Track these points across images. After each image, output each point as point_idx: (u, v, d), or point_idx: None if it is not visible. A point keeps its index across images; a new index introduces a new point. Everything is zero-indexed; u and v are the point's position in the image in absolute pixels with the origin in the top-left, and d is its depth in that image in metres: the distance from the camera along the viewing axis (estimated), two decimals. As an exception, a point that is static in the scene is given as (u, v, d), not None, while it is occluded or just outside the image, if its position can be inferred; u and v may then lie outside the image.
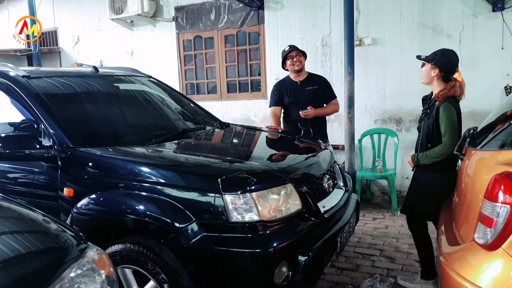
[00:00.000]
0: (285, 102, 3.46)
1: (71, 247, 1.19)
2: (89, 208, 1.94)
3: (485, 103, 4.08)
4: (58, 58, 6.55)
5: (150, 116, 2.86)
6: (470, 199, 1.73)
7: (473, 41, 4.11)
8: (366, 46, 4.53)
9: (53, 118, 2.13)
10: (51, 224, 1.30)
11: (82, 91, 2.61)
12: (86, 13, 6.13)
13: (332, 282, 2.63)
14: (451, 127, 2.22)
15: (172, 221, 1.77)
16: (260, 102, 5.23)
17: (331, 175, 2.38)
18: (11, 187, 2.20)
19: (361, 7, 4.50)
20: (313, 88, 3.43)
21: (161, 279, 1.76)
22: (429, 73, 2.32)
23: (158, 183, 1.86)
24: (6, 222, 1.29)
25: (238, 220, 1.74)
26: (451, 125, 2.22)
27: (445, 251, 1.74)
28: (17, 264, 1.05)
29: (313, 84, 3.46)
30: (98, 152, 2.04)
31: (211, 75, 5.55)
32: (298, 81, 3.41)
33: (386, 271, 2.76)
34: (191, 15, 5.47)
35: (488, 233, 1.43)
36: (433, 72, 2.30)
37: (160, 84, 3.22)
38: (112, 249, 1.86)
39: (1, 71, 2.36)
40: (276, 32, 4.98)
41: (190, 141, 2.53)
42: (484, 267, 1.42)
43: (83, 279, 1.10)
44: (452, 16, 4.16)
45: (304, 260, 1.81)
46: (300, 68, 3.37)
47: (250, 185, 1.79)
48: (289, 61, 3.39)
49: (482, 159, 1.81)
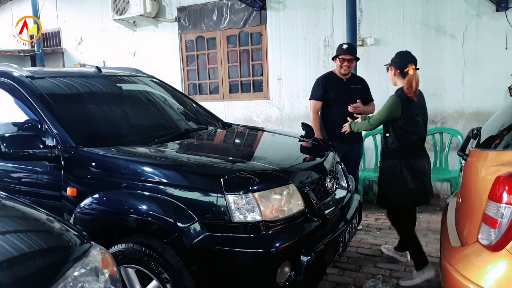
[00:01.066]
0: (329, 97, 3.40)
1: (75, 246, 1.19)
2: (92, 207, 1.94)
3: (489, 104, 4.06)
4: (61, 59, 6.58)
5: (152, 116, 2.86)
6: (473, 200, 1.72)
7: (477, 41, 4.10)
8: (368, 46, 4.52)
9: (57, 118, 2.14)
10: (55, 223, 1.30)
11: (85, 91, 2.62)
12: (89, 14, 6.15)
13: (334, 283, 2.63)
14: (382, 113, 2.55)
15: (174, 221, 1.77)
16: (262, 102, 5.23)
17: (333, 176, 2.38)
18: (15, 186, 2.21)
19: (363, 7, 4.50)
20: (358, 87, 3.42)
21: (163, 278, 1.76)
22: (390, 75, 2.64)
23: (161, 183, 1.86)
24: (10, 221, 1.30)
25: (240, 220, 1.74)
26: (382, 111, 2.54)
27: (448, 252, 1.73)
28: (21, 263, 1.06)
29: (357, 83, 3.45)
30: (101, 152, 2.05)
31: (213, 76, 5.56)
32: (344, 78, 3.39)
33: (388, 272, 2.76)
34: (193, 15, 5.48)
35: (492, 234, 1.42)
36: (392, 72, 2.61)
37: (163, 85, 3.23)
38: (115, 248, 1.87)
39: (5, 71, 2.38)
40: (278, 33, 4.98)
41: (193, 141, 2.53)
42: (488, 268, 1.42)
43: (86, 278, 1.11)
44: (456, 16, 4.15)
45: (306, 261, 1.81)
46: (346, 73, 3.36)
47: (252, 185, 1.79)
48: (339, 61, 3.34)
49: (486, 159, 1.80)
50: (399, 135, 2.51)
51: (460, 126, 4.24)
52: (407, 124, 2.50)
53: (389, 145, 2.57)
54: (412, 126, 2.51)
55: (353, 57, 3.35)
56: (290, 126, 4.97)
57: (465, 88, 4.20)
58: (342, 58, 3.31)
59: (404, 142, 2.52)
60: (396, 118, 2.49)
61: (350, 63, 3.33)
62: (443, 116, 4.34)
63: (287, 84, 5.03)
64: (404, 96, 2.48)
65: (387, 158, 2.60)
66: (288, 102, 5.06)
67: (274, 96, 5.14)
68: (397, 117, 2.48)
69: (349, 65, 3.34)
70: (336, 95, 3.38)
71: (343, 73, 3.36)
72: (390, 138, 2.55)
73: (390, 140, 2.55)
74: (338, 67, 3.37)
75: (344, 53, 3.31)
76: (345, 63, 3.31)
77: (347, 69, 3.33)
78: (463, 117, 4.26)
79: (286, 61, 4.99)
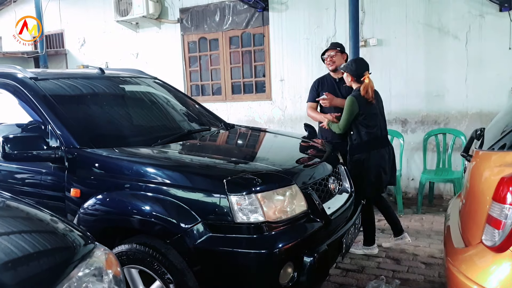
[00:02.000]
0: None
1: (79, 247, 1.20)
2: (95, 208, 1.95)
3: (492, 104, 4.05)
4: (64, 60, 6.61)
5: (155, 117, 2.87)
6: (477, 200, 1.72)
7: (480, 41, 4.08)
8: (371, 47, 4.51)
9: (60, 119, 2.15)
10: (59, 224, 1.31)
11: (88, 92, 2.63)
12: (92, 15, 6.18)
13: (337, 284, 2.62)
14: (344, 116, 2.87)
15: (177, 221, 1.78)
16: (265, 103, 5.23)
17: (336, 177, 2.38)
18: (19, 187, 2.22)
19: (366, 7, 4.49)
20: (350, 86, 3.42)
21: (167, 279, 1.76)
22: (347, 79, 2.97)
23: (164, 183, 1.87)
24: (15, 222, 1.30)
25: (243, 221, 1.74)
26: (344, 114, 2.87)
27: (452, 253, 1.73)
28: (26, 263, 1.06)
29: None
30: (104, 153, 2.06)
31: (216, 77, 5.57)
32: (337, 78, 3.39)
33: (391, 273, 2.75)
34: (195, 16, 5.49)
35: (496, 235, 1.41)
36: (349, 78, 2.94)
37: (165, 86, 3.24)
38: (119, 249, 1.87)
39: (9, 73, 2.39)
40: (281, 33, 4.99)
41: (195, 142, 2.54)
42: (491, 269, 1.41)
43: (90, 279, 1.11)
44: (458, 16, 4.14)
45: (309, 261, 1.81)
46: (333, 67, 3.35)
47: (255, 186, 1.79)
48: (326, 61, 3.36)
49: (490, 160, 1.79)
50: (360, 130, 2.87)
51: (463, 126, 4.22)
52: (367, 119, 2.85)
53: (353, 142, 2.91)
54: (371, 120, 2.87)
55: (337, 51, 3.33)
56: (292, 127, 4.97)
57: (468, 88, 4.19)
58: (327, 54, 3.34)
59: (366, 136, 2.86)
60: (357, 115, 2.83)
61: (332, 57, 3.31)
62: (446, 116, 4.32)
63: (289, 85, 5.03)
64: (359, 94, 2.83)
65: (353, 154, 2.92)
66: (290, 103, 5.06)
67: (276, 97, 5.14)
68: (357, 114, 2.82)
69: (333, 60, 3.31)
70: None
71: (331, 69, 3.36)
72: (353, 135, 2.90)
73: (353, 137, 2.90)
74: (327, 66, 3.39)
75: (327, 50, 3.35)
76: (329, 59, 3.32)
77: (332, 64, 3.32)
78: (466, 118, 4.24)
79: (289, 62, 4.99)
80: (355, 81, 2.91)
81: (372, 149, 2.87)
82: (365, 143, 2.87)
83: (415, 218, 3.34)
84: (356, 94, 2.86)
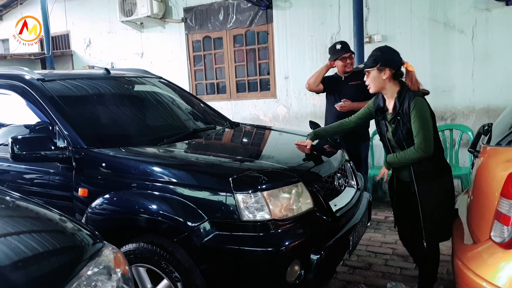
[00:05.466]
0: (327, 96, 3.49)
1: (88, 246, 1.21)
2: (103, 208, 1.96)
3: (500, 99, 4.00)
4: (71, 61, 6.66)
5: (161, 116, 2.88)
6: (485, 197, 1.70)
7: (487, 36, 4.03)
8: (376, 43, 4.47)
9: (67, 119, 2.17)
10: (68, 223, 1.32)
11: (94, 93, 2.65)
12: (97, 16, 6.22)
13: (344, 281, 2.62)
14: (424, 124, 1.97)
15: (184, 220, 1.79)
16: (269, 101, 5.23)
17: (342, 174, 2.37)
18: (28, 187, 2.24)
19: (370, 4, 4.46)
20: (356, 83, 3.32)
21: (174, 277, 1.77)
22: (378, 79, 2.06)
23: (170, 182, 1.88)
24: (24, 221, 1.32)
25: (249, 219, 1.74)
26: (423, 122, 1.97)
27: (460, 250, 1.72)
28: (36, 262, 1.08)
29: (356, 79, 3.33)
30: (111, 152, 2.07)
31: (220, 75, 5.57)
32: (342, 76, 3.39)
33: (399, 270, 2.74)
34: (199, 15, 5.49)
35: (505, 231, 1.40)
36: (383, 75, 2.05)
37: (170, 85, 3.25)
38: (126, 248, 1.89)
39: (17, 74, 2.42)
40: (285, 31, 4.97)
41: (201, 141, 2.55)
42: (501, 266, 1.40)
43: (99, 277, 1.12)
44: (464, 11, 4.09)
45: (316, 259, 1.81)
46: (351, 69, 3.32)
47: (261, 184, 1.79)
48: (340, 61, 3.32)
49: (498, 156, 1.77)
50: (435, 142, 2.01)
51: (470, 122, 4.18)
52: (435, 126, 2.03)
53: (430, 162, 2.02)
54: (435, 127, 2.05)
55: (352, 53, 3.35)
56: (297, 125, 4.96)
57: (475, 83, 4.14)
58: (342, 57, 3.30)
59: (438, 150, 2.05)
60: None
61: (351, 59, 3.33)
62: (453, 112, 4.28)
63: (294, 83, 5.02)
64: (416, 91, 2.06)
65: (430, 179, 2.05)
66: (295, 101, 5.05)
67: (281, 94, 5.13)
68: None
69: (352, 61, 3.33)
70: (333, 94, 3.40)
71: (348, 71, 3.33)
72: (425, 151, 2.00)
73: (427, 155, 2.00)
74: (341, 67, 3.34)
75: (343, 53, 3.30)
76: (348, 61, 3.30)
77: (350, 66, 3.31)
78: (473, 113, 4.20)
79: (293, 59, 4.98)
80: (393, 78, 2.06)
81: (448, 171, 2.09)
82: (444, 161, 2.10)
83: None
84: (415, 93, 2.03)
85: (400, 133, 2.07)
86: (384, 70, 2.05)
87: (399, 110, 2.04)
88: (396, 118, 2.07)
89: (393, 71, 2.05)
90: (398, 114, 2.05)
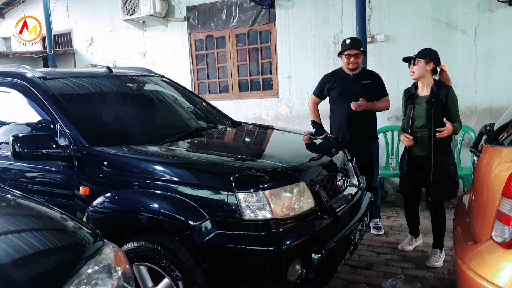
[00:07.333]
0: (334, 94, 3.34)
1: (88, 244, 1.21)
2: (104, 206, 1.97)
3: (502, 99, 3.99)
4: (73, 59, 6.67)
5: (163, 115, 2.89)
6: (487, 196, 1.70)
7: (489, 36, 4.02)
8: (378, 43, 4.47)
9: (69, 118, 2.17)
10: (68, 221, 1.32)
11: (96, 91, 2.65)
12: (99, 15, 6.22)
13: (345, 281, 2.62)
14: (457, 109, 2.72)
15: (186, 219, 1.79)
16: (272, 100, 5.22)
17: (344, 173, 2.37)
18: (29, 185, 2.25)
19: (373, 3, 4.45)
20: (366, 83, 3.26)
21: (175, 276, 1.78)
22: (424, 69, 2.67)
23: (172, 181, 1.88)
24: (25, 220, 1.32)
25: (251, 218, 1.74)
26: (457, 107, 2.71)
27: (461, 250, 1.71)
28: (36, 260, 1.08)
29: (366, 78, 3.29)
30: (113, 151, 2.07)
31: (223, 74, 5.57)
32: (351, 74, 3.27)
33: (400, 270, 2.73)
34: (202, 14, 5.50)
35: (506, 231, 1.40)
36: (428, 66, 2.67)
37: (173, 84, 3.25)
38: (127, 246, 1.89)
39: (19, 72, 2.42)
40: (288, 30, 4.97)
41: (203, 140, 2.55)
42: (502, 266, 1.40)
43: (100, 276, 1.12)
44: (467, 11, 4.08)
45: (317, 258, 1.80)
46: (354, 67, 3.24)
47: (262, 183, 1.79)
48: (345, 57, 3.22)
49: (499, 156, 1.77)
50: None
51: (472, 122, 4.17)
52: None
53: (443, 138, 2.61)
54: None
55: (359, 51, 3.21)
56: (300, 124, 4.95)
57: (478, 83, 4.13)
58: (347, 54, 3.20)
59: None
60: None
61: (356, 58, 3.20)
62: (455, 112, 4.27)
63: (296, 82, 5.02)
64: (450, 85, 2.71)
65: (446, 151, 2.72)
66: (297, 100, 5.05)
67: (283, 94, 5.13)
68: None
69: (356, 60, 3.21)
70: (341, 92, 3.28)
71: (351, 68, 3.25)
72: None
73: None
74: (346, 64, 3.27)
75: (349, 48, 3.19)
76: (352, 59, 3.19)
77: (355, 64, 3.22)
78: (475, 113, 4.19)
79: (296, 58, 4.98)
80: (431, 71, 2.69)
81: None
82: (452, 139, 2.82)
83: (424, 215, 3.31)
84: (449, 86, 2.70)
85: (431, 111, 2.66)
86: (430, 63, 2.66)
87: (436, 94, 2.66)
88: (430, 100, 2.66)
89: (434, 66, 2.68)
90: (434, 97, 2.66)
